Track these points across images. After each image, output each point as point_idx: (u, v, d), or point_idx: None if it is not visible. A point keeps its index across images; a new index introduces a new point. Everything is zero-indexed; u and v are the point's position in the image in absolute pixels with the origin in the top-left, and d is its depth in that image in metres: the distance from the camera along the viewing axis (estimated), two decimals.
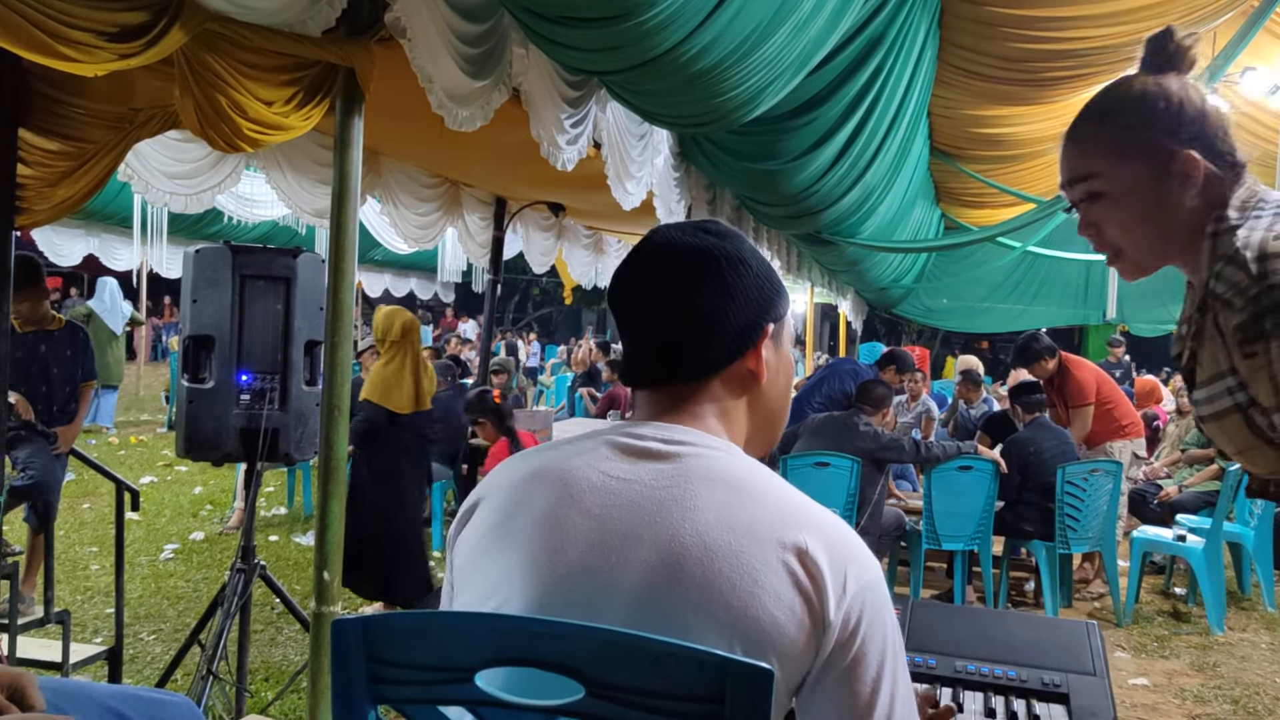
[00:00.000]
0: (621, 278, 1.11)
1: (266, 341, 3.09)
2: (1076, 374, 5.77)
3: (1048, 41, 6.12)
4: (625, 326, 1.10)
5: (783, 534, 0.95)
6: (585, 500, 1.00)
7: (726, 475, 1.00)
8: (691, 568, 0.93)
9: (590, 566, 0.97)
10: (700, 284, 1.05)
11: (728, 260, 1.07)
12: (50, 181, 3.02)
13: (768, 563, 0.93)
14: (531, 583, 0.99)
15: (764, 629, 0.92)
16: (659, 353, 1.07)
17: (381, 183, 5.34)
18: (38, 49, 2.03)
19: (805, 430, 5.28)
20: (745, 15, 2.91)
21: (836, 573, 0.94)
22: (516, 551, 1.01)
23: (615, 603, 0.95)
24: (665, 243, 1.09)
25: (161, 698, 1.42)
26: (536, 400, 13.29)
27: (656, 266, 1.08)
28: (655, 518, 0.97)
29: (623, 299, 1.10)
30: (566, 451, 1.06)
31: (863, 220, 7.05)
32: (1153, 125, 1.27)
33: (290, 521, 6.68)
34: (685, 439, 1.03)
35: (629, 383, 1.12)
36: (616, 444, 1.04)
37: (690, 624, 0.92)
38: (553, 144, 3.36)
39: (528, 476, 1.05)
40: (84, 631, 4.28)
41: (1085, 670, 1.44)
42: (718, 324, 1.06)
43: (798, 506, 0.99)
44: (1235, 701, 4.12)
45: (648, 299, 1.07)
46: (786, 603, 0.92)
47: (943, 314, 16.12)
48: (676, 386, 1.08)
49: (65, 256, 10.81)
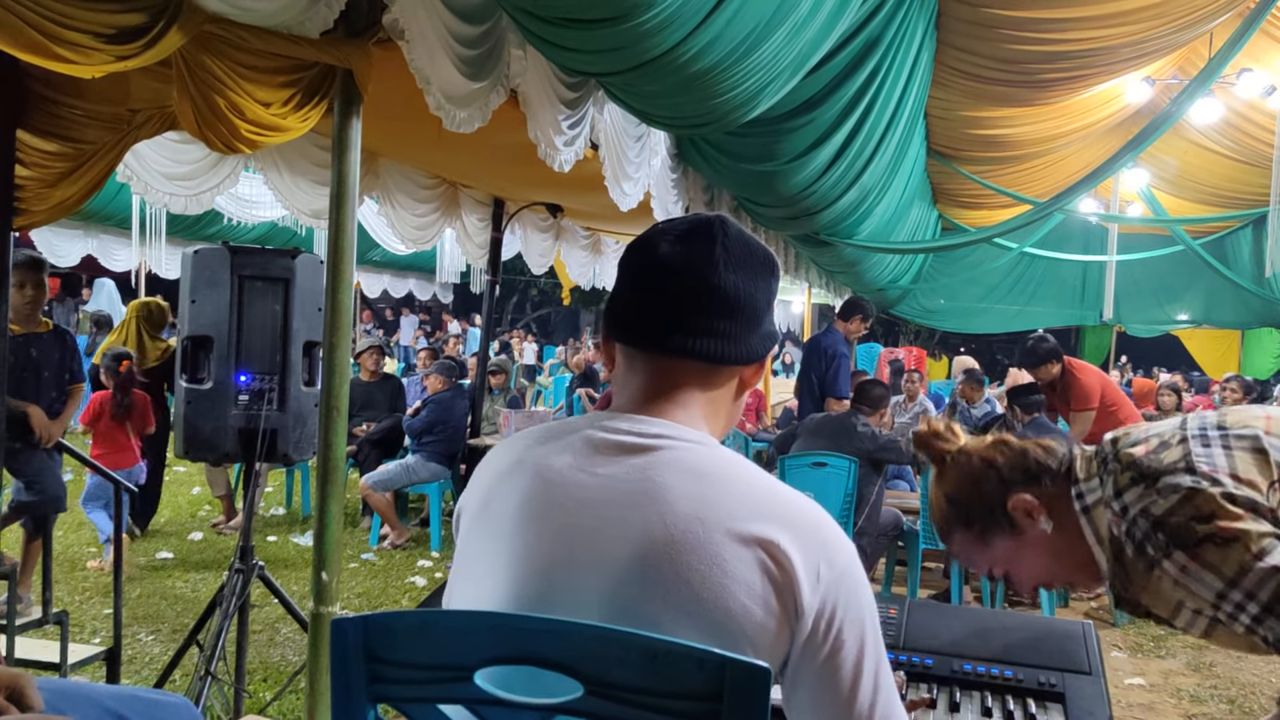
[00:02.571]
0: (674, 243, 1.05)
1: (265, 342, 3.08)
2: (1081, 378, 5.75)
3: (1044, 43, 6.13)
4: (655, 292, 1.04)
5: (753, 524, 0.95)
6: (559, 496, 1.00)
7: (698, 467, 1.00)
8: (661, 562, 0.94)
9: (562, 563, 0.98)
10: (768, 285, 1.07)
11: (779, 276, 1.10)
12: (48, 182, 3.01)
13: (737, 553, 0.94)
14: (506, 580, 1.00)
15: (735, 619, 0.92)
16: (698, 332, 1.03)
17: (379, 184, 5.34)
18: (35, 50, 2.03)
19: (804, 430, 5.29)
20: (743, 17, 2.91)
21: (809, 561, 0.95)
22: (493, 546, 1.02)
23: (589, 598, 0.96)
24: (740, 233, 1.07)
25: (160, 698, 1.43)
26: (535, 401, 13.28)
27: (734, 252, 1.04)
28: (626, 513, 0.97)
29: (669, 266, 1.04)
30: (545, 444, 1.06)
31: (860, 221, 7.06)
32: (981, 495, 1.45)
33: (289, 522, 6.68)
34: (660, 431, 1.02)
35: (631, 341, 1.07)
36: (593, 440, 1.03)
37: (662, 619, 0.93)
38: (550, 145, 3.37)
39: (509, 466, 1.06)
40: (82, 632, 4.27)
41: (1081, 670, 1.45)
42: (759, 323, 1.07)
43: (769, 495, 0.99)
44: (1231, 701, 4.13)
45: (713, 278, 1.03)
46: (758, 592, 0.93)
47: (940, 314, 16.14)
48: (687, 367, 1.05)
49: (64, 257, 10.81)
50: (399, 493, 6.35)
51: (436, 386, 6.56)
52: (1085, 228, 13.06)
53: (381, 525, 6.19)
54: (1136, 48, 6.40)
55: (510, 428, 6.16)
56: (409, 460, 6.24)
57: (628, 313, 1.07)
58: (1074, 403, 5.76)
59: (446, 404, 6.41)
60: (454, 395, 6.52)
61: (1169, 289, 14.49)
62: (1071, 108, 8.12)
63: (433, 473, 6.22)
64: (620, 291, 1.09)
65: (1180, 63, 8.47)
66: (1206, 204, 11.28)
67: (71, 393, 4.49)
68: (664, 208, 4.88)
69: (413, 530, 6.42)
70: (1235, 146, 9.56)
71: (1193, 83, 5.40)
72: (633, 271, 1.08)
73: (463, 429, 6.49)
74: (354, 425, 6.70)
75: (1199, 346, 19.00)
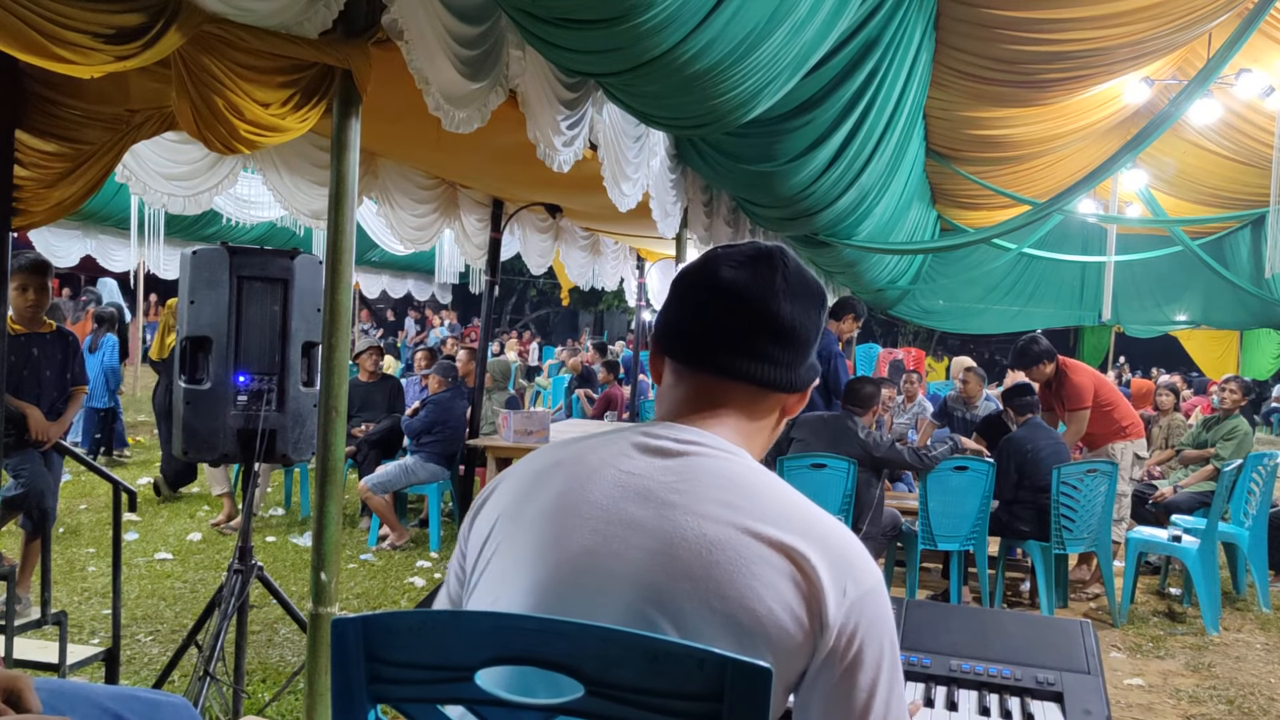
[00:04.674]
0: (737, 269, 1.08)
1: (264, 342, 3.08)
2: (1074, 378, 5.78)
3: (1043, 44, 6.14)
4: (714, 315, 1.08)
5: (783, 536, 0.96)
6: (594, 491, 1.02)
7: (731, 475, 1.02)
8: (690, 558, 0.95)
9: (592, 550, 0.99)
10: (819, 318, 1.11)
11: (827, 305, 1.15)
12: (47, 183, 3.01)
13: (767, 559, 0.95)
14: (535, 566, 1.01)
15: (761, 621, 0.93)
16: (753, 357, 1.07)
17: (378, 184, 5.34)
18: (34, 51, 2.03)
19: (800, 431, 5.27)
20: (742, 17, 2.92)
21: (837, 578, 0.96)
22: (524, 537, 1.03)
23: (615, 587, 0.97)
24: (798, 265, 1.11)
25: (159, 699, 1.43)
26: (534, 401, 13.28)
27: (794, 282, 1.08)
28: (659, 509, 0.99)
29: (732, 291, 1.07)
30: (587, 446, 1.08)
31: (859, 222, 7.07)
32: None
33: (287, 523, 6.67)
34: (697, 440, 1.05)
35: (685, 360, 1.10)
36: (634, 442, 1.06)
37: (686, 610, 0.93)
38: (549, 145, 3.37)
39: (547, 467, 1.08)
40: (81, 633, 4.27)
41: (1079, 669, 1.45)
42: (808, 353, 1.11)
43: (801, 511, 1.01)
44: (1230, 702, 4.13)
45: (773, 305, 1.06)
46: (785, 599, 0.94)
47: (939, 315, 16.15)
48: (735, 390, 1.09)
49: (63, 258, 10.79)
50: (398, 493, 6.34)
51: (436, 387, 6.55)
52: (1084, 228, 13.07)
53: (380, 526, 6.19)
54: (1135, 48, 6.41)
55: (509, 428, 6.16)
56: (408, 461, 6.23)
57: (685, 331, 1.10)
58: (1067, 402, 5.78)
59: (445, 404, 6.41)
60: (453, 396, 6.52)
61: (1168, 290, 14.52)
62: (1070, 108, 8.13)
63: (431, 473, 6.21)
64: (677, 310, 1.12)
65: (1179, 63, 8.49)
66: (1205, 204, 11.29)
67: (73, 394, 4.49)
68: (663, 208, 4.88)
69: (412, 531, 6.42)
70: (1234, 147, 9.58)
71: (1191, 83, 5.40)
72: (692, 293, 1.11)
73: (462, 429, 6.48)
74: (353, 426, 6.70)
75: (1198, 347, 19.02)
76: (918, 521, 5.12)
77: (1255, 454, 5.78)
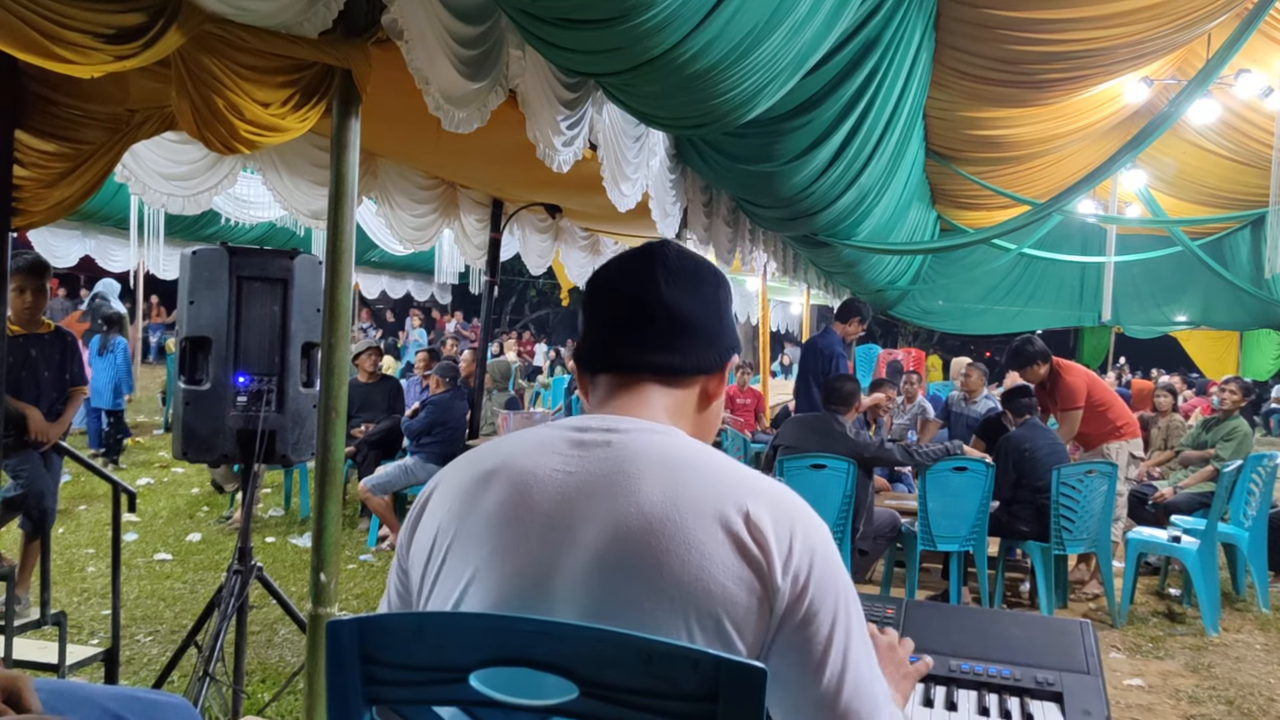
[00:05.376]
0: (619, 271, 1.13)
1: (263, 343, 3.08)
2: (1067, 378, 5.81)
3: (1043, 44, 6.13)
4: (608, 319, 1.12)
5: (725, 503, 0.97)
6: (534, 496, 1.02)
7: (666, 456, 1.02)
8: (638, 548, 0.95)
9: (541, 560, 0.98)
10: (714, 297, 1.13)
11: (728, 288, 1.16)
12: (47, 183, 3.01)
13: (713, 534, 0.95)
14: (488, 583, 1.00)
15: (715, 599, 0.93)
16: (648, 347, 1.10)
17: (378, 184, 5.33)
18: (34, 50, 2.03)
19: (793, 430, 5.25)
20: (742, 17, 2.91)
21: (781, 535, 0.96)
22: (470, 551, 1.02)
23: (569, 592, 0.96)
24: (680, 252, 1.13)
25: (158, 699, 1.43)
26: (534, 402, 13.27)
27: (674, 269, 1.11)
28: (601, 504, 0.99)
29: (616, 291, 1.12)
30: (514, 451, 1.07)
31: (859, 222, 7.06)
32: None
33: (287, 523, 6.67)
34: (625, 426, 1.05)
35: (593, 368, 1.13)
36: (566, 439, 1.06)
37: (644, 604, 0.94)
38: (549, 145, 3.37)
39: (478, 478, 1.06)
40: (80, 633, 4.27)
41: (1079, 669, 1.45)
42: (713, 337, 1.13)
43: (740, 476, 1.01)
44: (1230, 702, 4.13)
45: (654, 294, 1.09)
46: (735, 571, 0.94)
47: (939, 316, 16.14)
48: (646, 381, 1.11)
49: (62, 258, 10.80)
50: (398, 494, 6.34)
51: (436, 387, 6.55)
52: (1084, 229, 13.06)
53: (380, 526, 6.19)
54: (1135, 48, 6.40)
55: (509, 429, 6.16)
56: (407, 462, 6.23)
57: (592, 342, 1.14)
58: (1060, 402, 5.81)
59: (446, 405, 6.41)
60: (453, 396, 6.51)
61: (1167, 290, 14.51)
62: (1070, 108, 8.13)
63: (431, 474, 6.19)
64: (584, 326, 1.16)
65: (1179, 63, 8.48)
66: (1205, 205, 11.28)
67: (72, 395, 4.49)
68: (662, 208, 4.88)
69: None
70: (1233, 147, 9.57)
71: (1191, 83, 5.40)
72: (591, 306, 1.15)
73: (462, 430, 6.48)
74: (352, 426, 6.70)
75: (1197, 348, 19.02)
76: (917, 522, 5.11)
77: (1255, 455, 5.78)
